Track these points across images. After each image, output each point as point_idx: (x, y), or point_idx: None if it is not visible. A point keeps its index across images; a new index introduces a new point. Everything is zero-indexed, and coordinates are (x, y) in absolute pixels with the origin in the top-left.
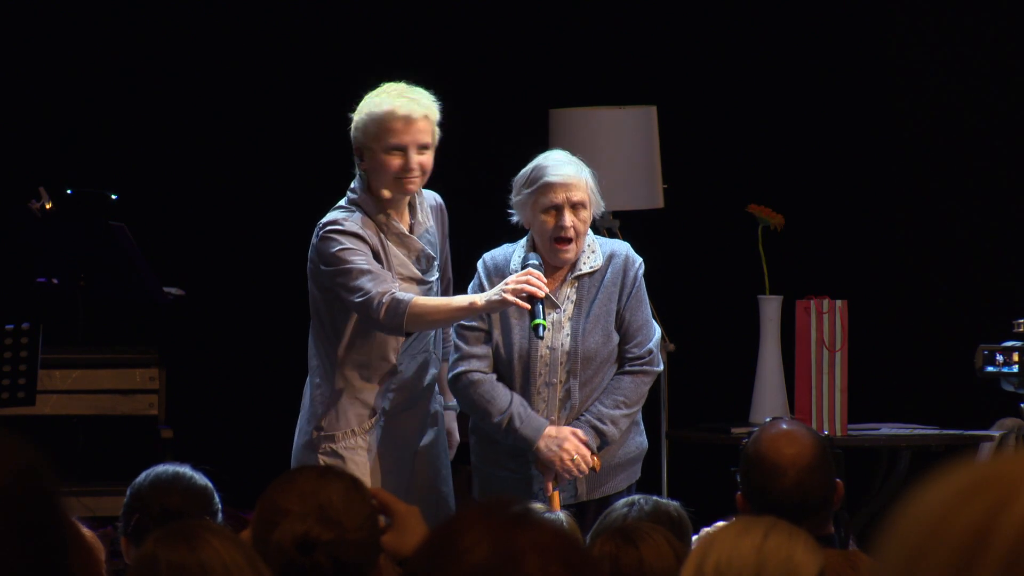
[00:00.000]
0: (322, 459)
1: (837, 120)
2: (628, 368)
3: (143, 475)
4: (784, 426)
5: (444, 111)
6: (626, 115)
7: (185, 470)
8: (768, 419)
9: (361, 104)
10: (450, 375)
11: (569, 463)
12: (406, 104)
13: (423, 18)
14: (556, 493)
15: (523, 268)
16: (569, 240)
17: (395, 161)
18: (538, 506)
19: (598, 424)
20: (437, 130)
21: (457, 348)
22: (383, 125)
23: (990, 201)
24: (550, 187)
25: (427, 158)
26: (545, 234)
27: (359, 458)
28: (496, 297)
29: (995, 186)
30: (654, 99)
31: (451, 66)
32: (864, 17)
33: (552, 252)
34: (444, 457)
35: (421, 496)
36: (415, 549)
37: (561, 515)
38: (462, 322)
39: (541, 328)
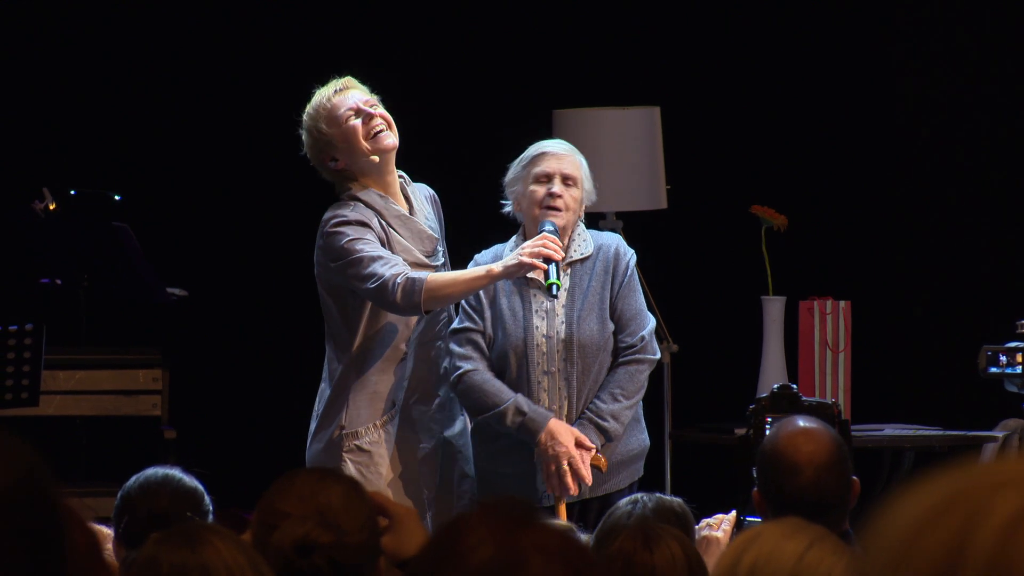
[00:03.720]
0: (347, 457)
1: (840, 121)
2: (622, 359)
3: (133, 478)
4: (800, 423)
5: (448, 113)
6: (630, 116)
7: (174, 472)
8: (771, 390)
9: (303, 123)
10: (451, 381)
11: (556, 475)
12: (330, 86)
13: (427, 19)
14: (563, 500)
15: (539, 233)
16: (557, 209)
17: (356, 125)
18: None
19: (599, 422)
20: (373, 94)
21: (451, 353)
22: (323, 108)
23: (993, 202)
24: (543, 156)
25: (381, 111)
26: (535, 203)
27: (384, 451)
28: (513, 261)
29: (998, 187)
30: (657, 100)
31: (455, 67)
32: (867, 19)
33: (540, 220)
34: (471, 447)
35: (453, 486)
36: (419, 549)
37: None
38: (455, 325)
39: (556, 288)
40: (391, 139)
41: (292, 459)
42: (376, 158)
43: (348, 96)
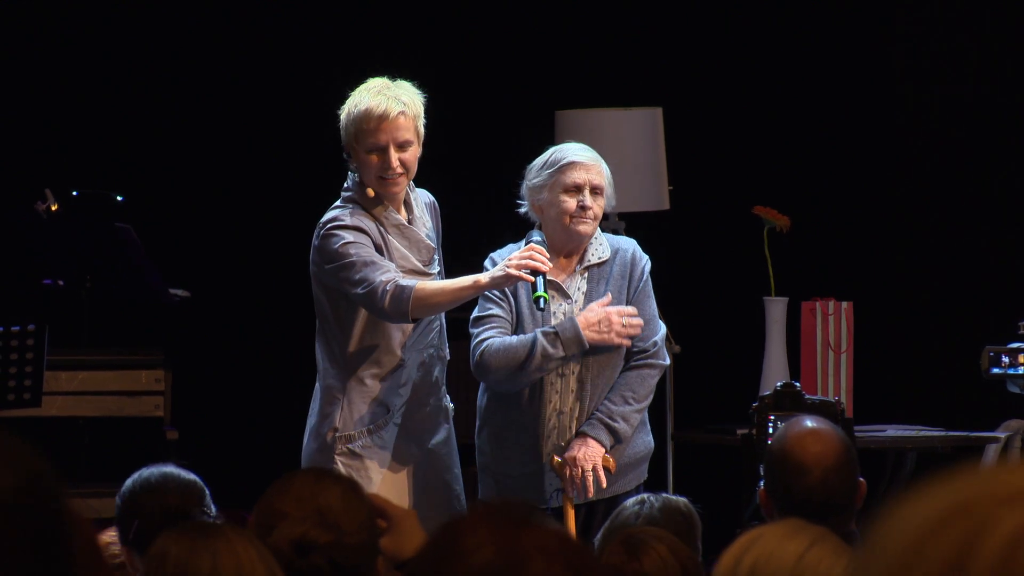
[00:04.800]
0: (339, 459)
1: (842, 122)
2: (633, 363)
3: (129, 482)
4: (809, 423)
5: (450, 114)
6: (632, 116)
7: (170, 468)
8: (774, 388)
9: (347, 101)
10: (472, 362)
11: (611, 330)
12: (383, 102)
13: (428, 19)
14: (568, 501)
15: (526, 246)
16: (587, 219)
17: (375, 160)
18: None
19: (609, 422)
20: (420, 124)
21: (474, 336)
22: (360, 125)
23: (995, 203)
24: (574, 166)
25: (409, 155)
26: (564, 213)
27: (377, 456)
28: (500, 273)
29: (1000, 188)
30: (660, 101)
31: (457, 68)
32: (868, 20)
33: (569, 229)
34: (455, 455)
35: (435, 494)
36: (418, 550)
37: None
38: (477, 313)
39: (543, 301)
40: (397, 187)
41: (294, 460)
42: (373, 192)
43: (385, 130)
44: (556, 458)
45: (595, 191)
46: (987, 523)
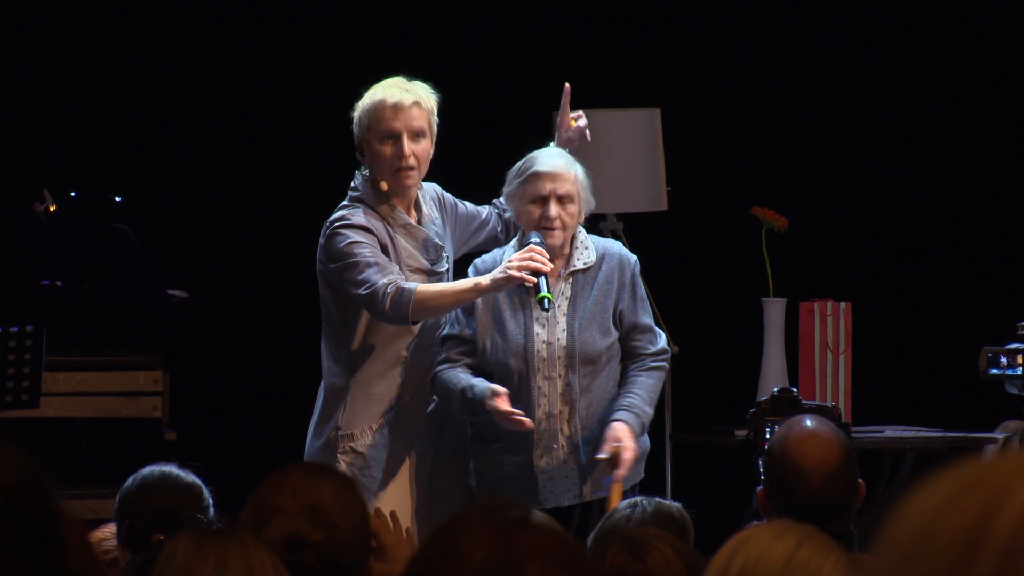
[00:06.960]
0: (341, 458)
1: (841, 122)
2: (651, 364)
3: (130, 480)
4: (809, 424)
5: (446, 114)
6: (630, 117)
7: (171, 469)
8: (771, 393)
9: (362, 98)
10: (429, 380)
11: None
12: (398, 92)
13: (425, 19)
14: (618, 485)
15: (524, 246)
16: (553, 229)
17: (388, 150)
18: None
19: (644, 419)
20: (434, 120)
21: (437, 355)
22: (375, 114)
23: (994, 203)
24: (538, 177)
25: (422, 147)
26: (531, 224)
27: (379, 455)
28: (501, 275)
29: (999, 188)
30: (658, 101)
31: (453, 68)
32: (867, 20)
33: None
34: (466, 451)
35: (443, 492)
36: (416, 551)
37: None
38: (443, 332)
39: (547, 301)
40: (410, 180)
41: (293, 460)
42: (387, 186)
43: (399, 118)
44: (613, 445)
45: (562, 200)
46: (1005, 492)
